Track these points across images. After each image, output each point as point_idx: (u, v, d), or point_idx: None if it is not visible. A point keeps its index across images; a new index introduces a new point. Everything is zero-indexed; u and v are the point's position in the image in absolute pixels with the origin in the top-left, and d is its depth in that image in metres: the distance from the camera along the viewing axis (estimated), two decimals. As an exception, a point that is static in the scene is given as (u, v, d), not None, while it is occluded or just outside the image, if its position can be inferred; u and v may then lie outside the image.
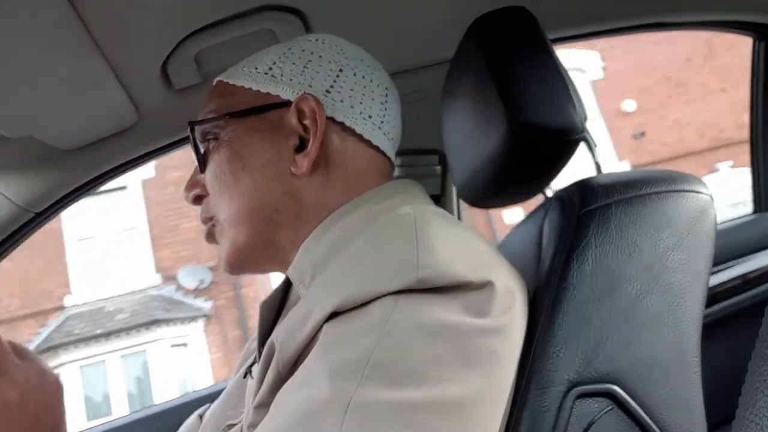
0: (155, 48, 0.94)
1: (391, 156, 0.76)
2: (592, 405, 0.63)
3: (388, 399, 0.49)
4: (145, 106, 1.05)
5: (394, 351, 0.51)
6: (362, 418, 0.48)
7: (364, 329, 0.53)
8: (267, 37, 0.99)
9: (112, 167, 1.14)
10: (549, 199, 0.75)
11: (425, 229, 0.58)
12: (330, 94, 0.70)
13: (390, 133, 0.74)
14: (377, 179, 0.72)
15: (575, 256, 0.66)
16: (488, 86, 0.70)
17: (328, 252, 0.64)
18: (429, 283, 0.54)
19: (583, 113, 0.71)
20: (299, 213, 0.70)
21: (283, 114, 0.70)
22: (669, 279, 0.68)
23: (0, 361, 0.62)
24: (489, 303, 0.56)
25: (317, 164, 0.69)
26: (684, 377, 0.68)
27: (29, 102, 0.90)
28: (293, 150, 0.70)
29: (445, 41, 0.96)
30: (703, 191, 0.73)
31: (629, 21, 1.24)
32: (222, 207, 0.72)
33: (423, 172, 1.29)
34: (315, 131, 0.68)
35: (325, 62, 0.72)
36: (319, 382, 0.51)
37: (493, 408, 0.56)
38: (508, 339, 0.58)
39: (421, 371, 0.51)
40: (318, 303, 0.56)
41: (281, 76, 0.71)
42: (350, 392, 0.49)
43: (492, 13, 0.75)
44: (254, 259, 0.73)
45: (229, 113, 0.71)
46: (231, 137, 0.71)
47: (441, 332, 0.53)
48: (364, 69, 0.73)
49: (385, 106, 0.74)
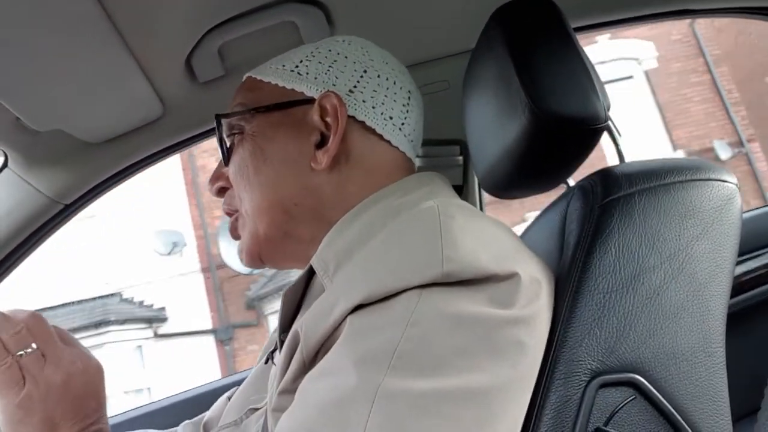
0: (180, 41, 0.96)
1: (412, 156, 0.78)
2: (615, 394, 0.63)
3: (414, 388, 0.50)
4: (170, 99, 1.06)
5: (420, 341, 0.52)
6: (389, 408, 0.49)
7: (390, 320, 0.53)
8: (290, 29, 0.99)
9: (138, 159, 1.16)
10: (571, 189, 0.74)
11: (449, 223, 0.58)
12: (353, 93, 0.72)
13: (410, 135, 0.76)
14: (397, 176, 0.74)
15: (598, 246, 0.65)
16: (510, 75, 0.70)
17: (353, 244, 0.65)
18: (454, 277, 0.55)
19: (606, 102, 0.70)
20: (317, 208, 0.72)
21: (306, 111, 0.72)
22: (693, 268, 0.67)
23: (46, 346, 0.65)
24: (514, 294, 0.56)
25: (337, 161, 0.71)
26: (708, 367, 0.67)
27: (58, 96, 0.92)
28: (314, 146, 0.72)
29: (468, 31, 0.96)
30: (729, 180, 0.72)
31: (654, 8, 1.22)
32: (244, 199, 0.75)
33: (445, 162, 1.28)
34: (336, 128, 0.70)
35: (350, 63, 0.74)
36: (345, 372, 0.52)
37: (518, 397, 0.56)
38: (534, 329, 0.58)
39: (446, 361, 0.51)
40: (343, 295, 0.57)
41: (307, 74, 0.73)
42: (377, 382, 0.50)
43: (514, 2, 0.75)
44: (273, 251, 0.75)
45: (254, 108, 0.74)
46: (255, 131, 0.74)
47: (466, 323, 0.53)
48: (389, 71, 0.75)
49: (407, 109, 0.75)
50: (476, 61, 0.83)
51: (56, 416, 0.65)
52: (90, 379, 0.68)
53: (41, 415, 0.64)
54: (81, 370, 0.67)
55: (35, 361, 0.65)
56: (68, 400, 0.65)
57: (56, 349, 0.66)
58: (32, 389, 0.64)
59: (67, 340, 0.70)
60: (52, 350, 0.66)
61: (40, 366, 0.65)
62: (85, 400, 0.67)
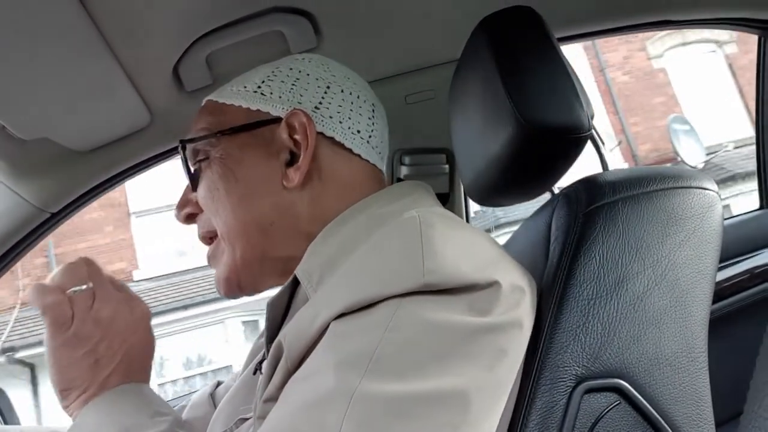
0: (167, 50, 0.96)
1: (381, 168, 0.79)
2: (600, 400, 0.64)
3: (390, 391, 0.51)
4: (157, 107, 1.06)
5: (399, 346, 0.53)
6: (365, 409, 0.50)
7: (369, 325, 0.54)
8: (277, 39, 1.00)
9: (126, 167, 1.15)
10: (556, 196, 0.75)
11: (430, 233, 0.59)
12: (319, 110, 0.73)
13: (378, 147, 0.77)
14: (370, 186, 0.75)
15: (582, 253, 0.66)
16: (496, 85, 0.71)
17: (336, 254, 0.65)
18: (435, 287, 0.55)
19: (590, 111, 0.72)
20: (294, 224, 0.72)
21: (273, 130, 0.73)
22: (676, 275, 0.68)
23: (98, 285, 0.70)
24: (494, 302, 0.57)
25: (309, 177, 0.72)
26: (691, 372, 0.68)
27: (44, 104, 0.91)
28: (284, 164, 0.72)
29: (453, 41, 0.97)
30: (709, 188, 0.73)
31: (636, 19, 1.25)
32: (218, 223, 0.75)
33: (431, 170, 1.29)
34: (306, 145, 0.71)
35: (313, 80, 0.74)
36: (324, 374, 0.53)
37: (494, 402, 0.57)
38: (513, 335, 0.59)
39: (424, 365, 0.52)
40: (326, 305, 0.58)
41: (271, 93, 0.74)
42: (354, 384, 0.51)
43: (499, 13, 0.76)
44: (251, 275, 0.75)
45: (220, 131, 0.74)
46: (223, 154, 0.74)
47: (444, 329, 0.54)
48: (351, 86, 0.76)
49: (372, 122, 0.76)
50: (462, 70, 0.83)
51: (99, 351, 0.68)
52: (136, 322, 0.72)
53: (84, 350, 0.68)
54: (128, 310, 0.71)
55: (86, 298, 0.69)
56: (112, 337, 0.69)
57: (107, 290, 0.71)
58: (79, 327, 0.68)
59: (119, 286, 0.74)
60: (103, 290, 0.70)
61: (89, 304, 0.69)
62: (129, 341, 0.70)
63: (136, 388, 0.69)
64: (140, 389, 0.70)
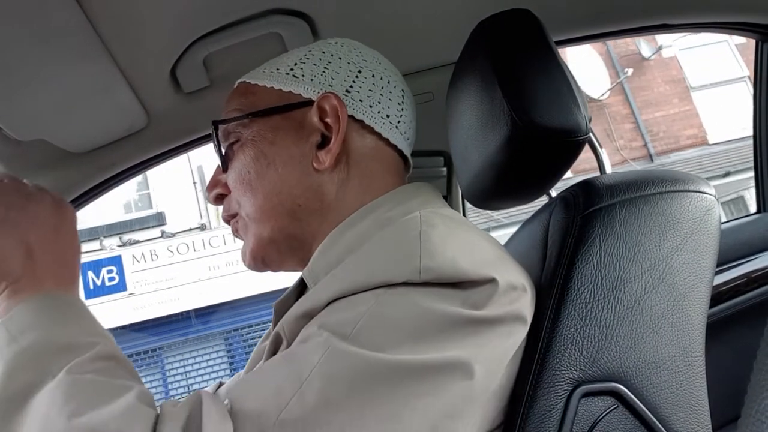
0: (164, 52, 0.96)
1: (408, 154, 0.79)
2: (597, 404, 0.64)
3: (364, 355, 0.53)
4: (154, 109, 1.06)
5: (382, 320, 0.55)
6: (336, 363, 0.52)
7: (359, 301, 0.57)
8: (274, 40, 1.00)
9: (123, 169, 1.15)
10: (553, 200, 0.75)
11: (430, 232, 0.60)
12: (350, 93, 0.73)
13: (406, 133, 0.78)
14: (393, 178, 0.75)
15: (580, 257, 0.66)
16: (493, 88, 0.71)
17: (342, 256, 0.66)
18: (430, 282, 0.56)
19: (587, 114, 0.71)
20: (321, 208, 0.73)
21: (305, 112, 0.73)
22: (673, 278, 0.68)
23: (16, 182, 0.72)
24: (489, 297, 0.57)
25: (338, 160, 0.72)
26: (689, 376, 0.68)
27: (41, 105, 0.91)
28: (315, 147, 0.72)
29: (450, 44, 0.97)
30: (707, 191, 0.73)
31: (634, 23, 1.25)
32: (246, 204, 0.75)
33: (429, 173, 1.29)
34: (337, 128, 0.71)
35: (345, 63, 0.75)
36: (311, 334, 0.56)
37: (472, 389, 0.56)
38: (505, 330, 0.59)
39: (401, 341, 0.54)
40: (321, 292, 0.60)
41: (303, 76, 0.74)
42: (332, 341, 0.53)
43: (496, 16, 0.76)
44: (276, 253, 0.76)
45: (252, 112, 0.74)
46: (255, 136, 0.74)
47: (434, 315, 0.55)
48: (382, 71, 0.76)
49: (402, 107, 0.77)
50: (459, 73, 0.83)
51: (30, 239, 0.66)
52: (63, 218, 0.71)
53: (15, 238, 0.66)
54: (51, 203, 0.71)
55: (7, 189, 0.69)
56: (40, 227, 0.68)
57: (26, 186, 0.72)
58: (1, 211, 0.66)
59: (39, 187, 0.73)
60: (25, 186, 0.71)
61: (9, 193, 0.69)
62: (61, 234, 0.70)
63: (80, 304, 0.67)
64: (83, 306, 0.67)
